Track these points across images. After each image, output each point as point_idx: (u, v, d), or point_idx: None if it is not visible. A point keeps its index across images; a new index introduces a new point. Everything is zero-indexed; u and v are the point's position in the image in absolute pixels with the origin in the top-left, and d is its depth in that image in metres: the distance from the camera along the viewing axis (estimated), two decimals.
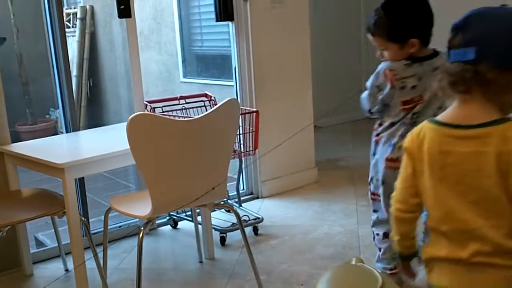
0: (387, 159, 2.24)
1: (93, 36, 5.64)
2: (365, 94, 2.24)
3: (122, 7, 2.94)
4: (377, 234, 2.40)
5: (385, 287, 0.91)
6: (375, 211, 2.37)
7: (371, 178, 2.32)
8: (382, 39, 2.14)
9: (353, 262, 1.02)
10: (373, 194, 2.34)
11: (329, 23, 5.49)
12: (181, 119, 2.13)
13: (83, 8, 5.59)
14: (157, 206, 2.11)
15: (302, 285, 2.45)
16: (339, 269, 0.99)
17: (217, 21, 3.51)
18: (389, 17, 2.10)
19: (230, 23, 3.50)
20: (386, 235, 2.33)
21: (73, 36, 5.52)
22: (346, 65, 5.71)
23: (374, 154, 2.32)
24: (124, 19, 2.98)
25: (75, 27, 5.58)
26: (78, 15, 5.56)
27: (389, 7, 2.12)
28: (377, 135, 2.30)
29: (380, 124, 2.29)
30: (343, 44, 5.67)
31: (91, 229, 2.90)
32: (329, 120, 5.40)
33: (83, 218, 2.34)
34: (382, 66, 2.20)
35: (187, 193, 2.20)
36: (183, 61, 5.39)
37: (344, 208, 3.33)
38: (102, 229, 2.45)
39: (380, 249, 2.41)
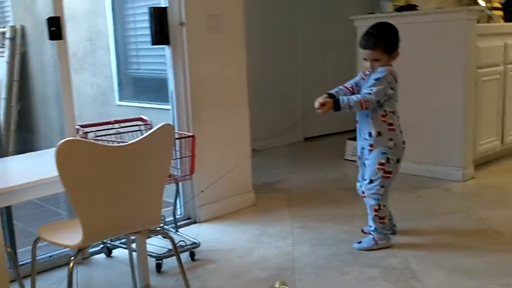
0: (403, 142, 3.03)
1: (24, 56, 5.49)
2: (374, 91, 2.88)
3: (53, 28, 2.89)
4: (384, 206, 3.03)
5: None
6: (382, 187, 3.00)
7: (388, 159, 2.97)
8: (380, 52, 2.91)
9: (277, 285, 1.04)
10: (388, 172, 2.99)
11: (266, 47, 5.58)
12: (112, 144, 2.11)
13: (13, 28, 5.44)
14: (88, 235, 2.07)
15: None
16: None
17: (152, 44, 3.50)
18: (385, 35, 2.94)
19: (166, 46, 3.51)
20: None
21: (1, 56, 5.36)
22: (283, 87, 5.81)
23: (391, 140, 2.98)
24: (55, 41, 2.93)
25: (4, 47, 5.42)
26: (8, 35, 5.40)
27: (383, 29, 2.97)
28: (390, 124, 2.98)
29: (385, 116, 2.97)
30: (279, 65, 5.77)
31: (21, 260, 2.81)
32: (265, 143, 5.47)
33: (9, 249, 2.26)
34: (383, 70, 2.92)
35: (120, 220, 2.17)
36: (119, 83, 5.34)
37: (280, 230, 3.37)
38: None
39: (384, 219, 3.05)
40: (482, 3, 5.19)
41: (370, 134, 3.00)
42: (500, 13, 5.17)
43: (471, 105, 4.16)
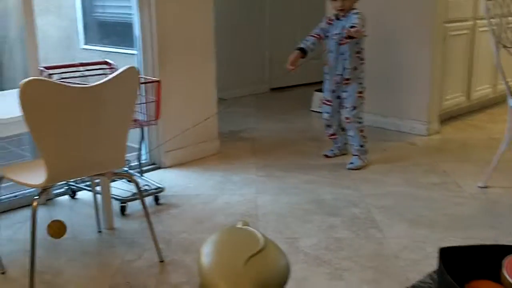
0: None
1: None
2: (359, 22, 3.27)
3: None
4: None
5: (266, 247, 0.96)
6: (362, 111, 3.57)
7: (363, 88, 3.53)
8: None
9: (239, 225, 1.06)
10: (363, 98, 3.55)
11: None
12: (77, 85, 2.08)
13: None
14: (52, 175, 2.06)
15: None
16: (224, 231, 1.03)
17: None
18: None
19: None
20: None
21: None
22: (249, 37, 5.75)
23: (362, 72, 3.50)
24: None
25: None
26: None
27: None
28: (362, 59, 3.48)
29: (359, 52, 3.46)
30: (246, 15, 5.69)
31: None
32: (232, 92, 5.45)
33: None
34: (357, 11, 3.36)
35: (83, 161, 2.17)
36: (84, 27, 5.21)
37: (244, 178, 3.40)
38: None
39: (366, 137, 3.59)
40: None
41: (344, 69, 3.45)
42: None
43: (438, 59, 4.20)
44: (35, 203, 2.08)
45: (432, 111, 4.28)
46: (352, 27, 3.25)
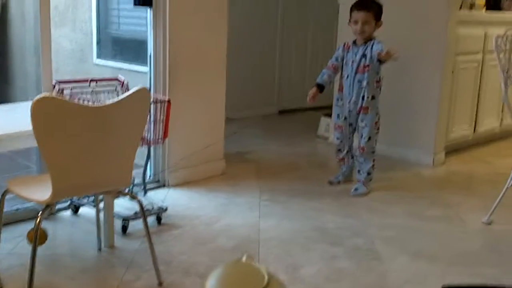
0: None
1: (5, 7, 5.35)
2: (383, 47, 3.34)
3: None
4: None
5: (270, 284, 0.96)
6: (376, 140, 3.58)
7: (379, 118, 3.55)
8: (372, 15, 3.38)
9: (244, 259, 1.06)
10: (378, 129, 3.56)
11: (246, 18, 5.53)
12: (88, 104, 2.09)
13: None
14: (58, 191, 2.07)
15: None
16: (229, 266, 1.03)
17: (135, 5, 3.45)
18: (376, 2, 3.44)
19: (148, 8, 3.46)
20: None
21: None
22: (260, 59, 5.78)
23: (378, 101, 3.54)
24: None
25: None
26: None
27: None
28: (380, 88, 3.53)
29: (379, 81, 3.49)
30: (258, 38, 5.73)
31: None
32: (241, 113, 5.47)
33: None
34: (378, 40, 3.41)
35: (90, 179, 2.17)
36: (98, 42, 5.27)
37: (248, 201, 3.40)
38: None
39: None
40: None
41: (363, 98, 3.46)
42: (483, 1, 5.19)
43: (446, 91, 4.21)
44: (39, 219, 2.08)
45: (439, 142, 4.28)
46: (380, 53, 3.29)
